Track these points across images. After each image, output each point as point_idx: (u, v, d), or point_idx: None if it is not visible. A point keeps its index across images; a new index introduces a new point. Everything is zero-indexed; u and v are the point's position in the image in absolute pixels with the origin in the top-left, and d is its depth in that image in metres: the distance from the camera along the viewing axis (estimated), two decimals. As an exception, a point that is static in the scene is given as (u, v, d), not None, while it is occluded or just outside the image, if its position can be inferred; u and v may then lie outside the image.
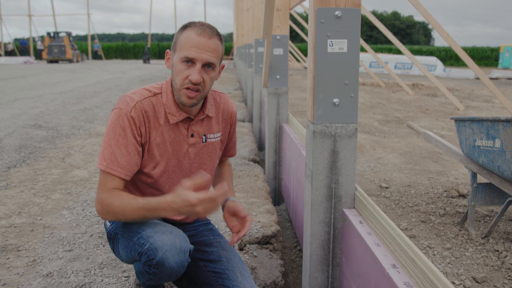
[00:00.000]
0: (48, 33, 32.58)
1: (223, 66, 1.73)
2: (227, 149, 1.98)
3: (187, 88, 1.58)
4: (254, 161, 4.78)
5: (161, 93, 1.68)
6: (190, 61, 1.57)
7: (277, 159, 4.22)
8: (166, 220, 1.80)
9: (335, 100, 1.79)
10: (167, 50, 1.69)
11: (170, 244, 1.50)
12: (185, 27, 1.62)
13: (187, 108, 1.68)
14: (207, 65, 1.60)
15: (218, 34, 1.62)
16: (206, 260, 1.79)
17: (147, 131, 1.64)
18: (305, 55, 28.58)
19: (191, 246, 1.59)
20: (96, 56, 39.42)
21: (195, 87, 1.58)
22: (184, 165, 1.74)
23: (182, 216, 1.80)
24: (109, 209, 1.55)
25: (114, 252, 1.80)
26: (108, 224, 1.79)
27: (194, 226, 1.89)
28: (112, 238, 1.76)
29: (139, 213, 1.52)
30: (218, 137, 1.82)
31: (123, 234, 1.69)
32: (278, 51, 3.99)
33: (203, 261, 1.79)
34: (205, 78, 1.60)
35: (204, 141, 1.77)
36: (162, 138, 1.67)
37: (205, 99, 1.75)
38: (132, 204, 1.52)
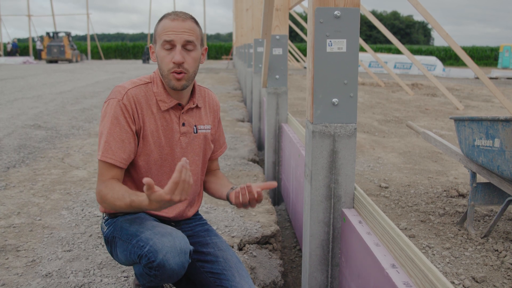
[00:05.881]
0: (48, 33, 32.54)
1: (206, 49, 1.79)
2: (218, 143, 1.99)
3: (174, 72, 1.64)
4: (254, 161, 4.77)
5: (151, 82, 1.74)
6: (170, 46, 1.63)
7: (277, 159, 4.22)
8: (162, 220, 1.80)
9: (334, 100, 1.79)
10: (150, 45, 1.75)
11: (170, 245, 1.49)
12: (160, 19, 1.70)
13: (178, 95, 1.73)
14: (187, 46, 1.65)
15: (192, 18, 1.69)
16: (203, 261, 1.78)
17: (140, 118, 1.67)
18: (305, 55, 28.58)
19: (191, 247, 1.59)
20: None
21: (180, 69, 1.63)
22: (176, 154, 1.76)
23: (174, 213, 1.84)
24: (103, 200, 1.60)
25: (112, 255, 1.79)
26: (105, 227, 1.79)
27: (191, 227, 1.89)
28: (110, 241, 1.75)
29: (126, 208, 1.56)
30: (209, 129, 1.86)
31: (121, 237, 1.69)
32: (278, 51, 3.99)
33: (200, 262, 1.78)
34: (187, 58, 1.65)
35: (195, 131, 1.81)
36: (156, 125, 1.71)
37: (193, 89, 1.80)
38: (120, 199, 1.55)
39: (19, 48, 38.53)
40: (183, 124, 1.76)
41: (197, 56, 1.68)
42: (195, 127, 1.80)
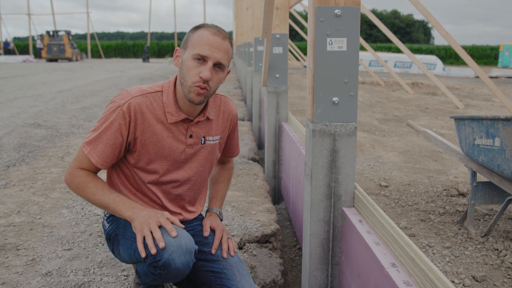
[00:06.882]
0: (48, 32, 32.53)
1: (229, 72, 1.75)
2: (229, 149, 1.98)
3: (199, 86, 1.61)
4: (254, 160, 4.77)
5: (162, 91, 1.70)
6: (201, 59, 1.60)
7: (277, 158, 4.22)
8: None
9: (335, 98, 1.79)
10: (177, 48, 1.70)
11: (176, 245, 1.49)
12: (199, 27, 1.66)
13: (188, 109, 1.70)
14: (217, 65, 1.63)
15: (230, 38, 1.67)
16: (204, 259, 1.78)
17: (138, 127, 1.66)
18: (305, 54, 28.57)
19: (196, 246, 1.58)
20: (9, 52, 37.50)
21: (205, 85, 1.61)
22: (180, 164, 1.75)
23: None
24: (79, 186, 1.65)
25: (113, 253, 1.78)
26: (107, 224, 1.79)
27: (192, 226, 1.89)
28: (112, 239, 1.75)
29: (103, 205, 1.63)
30: (217, 139, 1.84)
31: (125, 235, 1.68)
32: (278, 50, 3.98)
33: (201, 261, 1.78)
34: (214, 77, 1.63)
35: (203, 142, 1.78)
36: (159, 135, 1.68)
37: (206, 102, 1.76)
38: (104, 194, 1.63)
39: (8, 47, 38.53)
40: (191, 136, 1.74)
41: (222, 77, 1.67)
42: (203, 138, 1.78)
